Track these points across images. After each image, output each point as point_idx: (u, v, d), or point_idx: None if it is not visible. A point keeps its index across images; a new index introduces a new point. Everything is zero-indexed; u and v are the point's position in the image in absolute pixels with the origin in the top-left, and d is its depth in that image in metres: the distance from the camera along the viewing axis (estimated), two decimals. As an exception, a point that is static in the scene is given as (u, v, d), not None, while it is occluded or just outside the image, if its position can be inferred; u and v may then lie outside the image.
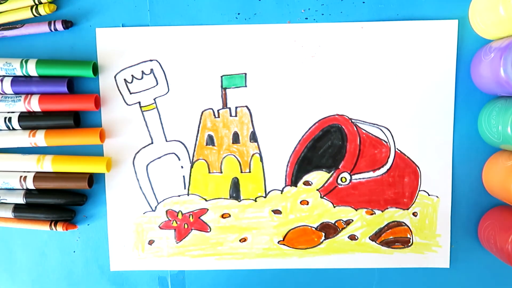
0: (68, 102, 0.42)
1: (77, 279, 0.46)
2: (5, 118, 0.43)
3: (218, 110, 0.44)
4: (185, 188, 0.45)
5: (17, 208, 0.44)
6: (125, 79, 0.44)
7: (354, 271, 0.45)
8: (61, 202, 0.44)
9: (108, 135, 0.44)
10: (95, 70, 0.43)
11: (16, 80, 0.43)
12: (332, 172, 0.44)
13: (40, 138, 0.43)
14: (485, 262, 0.45)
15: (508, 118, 0.38)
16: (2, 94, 0.43)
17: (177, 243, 0.45)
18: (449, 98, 0.43)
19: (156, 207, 0.45)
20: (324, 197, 0.45)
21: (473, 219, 0.45)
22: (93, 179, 0.45)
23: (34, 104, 0.42)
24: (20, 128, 0.43)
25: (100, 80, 0.44)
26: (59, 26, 0.43)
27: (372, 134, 0.44)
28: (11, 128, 0.43)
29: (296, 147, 0.44)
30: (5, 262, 0.46)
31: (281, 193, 0.45)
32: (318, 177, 0.44)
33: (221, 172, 0.45)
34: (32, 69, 0.42)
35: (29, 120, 0.43)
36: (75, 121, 0.43)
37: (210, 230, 0.45)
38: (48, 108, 0.42)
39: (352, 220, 0.45)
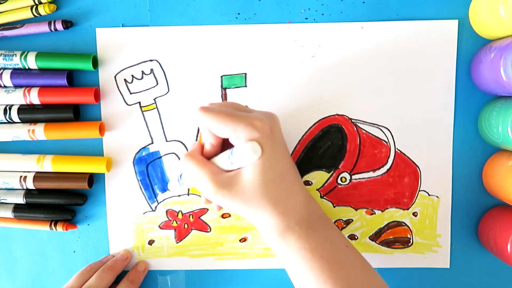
0: (68, 95, 0.42)
1: (77, 279, 0.46)
2: (5, 110, 0.43)
3: (218, 110, 0.44)
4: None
5: (17, 208, 0.44)
6: (125, 79, 0.44)
7: (354, 271, 0.45)
8: (61, 202, 0.44)
9: (107, 128, 0.44)
10: (95, 64, 0.43)
11: (15, 72, 0.43)
12: (332, 172, 0.44)
13: (39, 131, 0.43)
14: (485, 262, 0.45)
15: (508, 118, 0.38)
16: (1, 86, 0.43)
17: (177, 243, 0.45)
18: (449, 98, 0.43)
19: (156, 207, 0.45)
20: (324, 197, 0.45)
21: (473, 219, 0.45)
22: (93, 179, 0.45)
23: (34, 97, 0.42)
24: (19, 120, 0.43)
25: (100, 77, 0.44)
26: (59, 26, 0.43)
27: (372, 134, 0.44)
28: (10, 120, 0.43)
29: (296, 147, 0.44)
30: (5, 262, 0.46)
31: (281, 193, 0.45)
32: (318, 177, 0.44)
33: (221, 172, 0.45)
34: (32, 61, 0.42)
35: (28, 113, 0.43)
36: (74, 114, 0.43)
37: (210, 230, 0.45)
38: (48, 100, 0.42)
39: (352, 220, 0.45)
